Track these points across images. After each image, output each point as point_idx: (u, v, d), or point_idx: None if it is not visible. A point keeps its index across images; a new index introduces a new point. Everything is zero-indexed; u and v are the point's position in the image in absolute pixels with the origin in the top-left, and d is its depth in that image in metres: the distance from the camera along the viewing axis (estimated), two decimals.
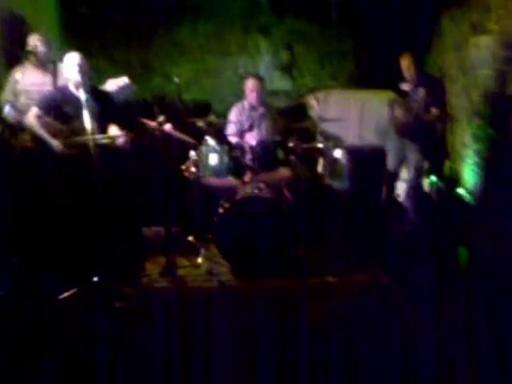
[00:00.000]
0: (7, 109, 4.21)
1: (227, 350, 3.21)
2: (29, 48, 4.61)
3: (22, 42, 5.14)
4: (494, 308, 3.66)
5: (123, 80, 4.73)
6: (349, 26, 7.37)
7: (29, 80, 4.52)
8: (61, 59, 4.48)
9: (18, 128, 4.45)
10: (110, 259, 3.98)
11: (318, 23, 7.40)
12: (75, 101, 4.02)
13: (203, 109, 6.26)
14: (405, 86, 5.16)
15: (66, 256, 4.18)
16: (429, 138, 5.25)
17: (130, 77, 6.78)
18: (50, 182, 4.29)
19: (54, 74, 4.64)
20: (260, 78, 5.00)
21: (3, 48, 5.37)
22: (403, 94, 5.16)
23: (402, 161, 5.33)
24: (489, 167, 5.61)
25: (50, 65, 4.67)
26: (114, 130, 4.21)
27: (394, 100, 5.21)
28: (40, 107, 4.17)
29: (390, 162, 5.40)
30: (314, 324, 3.60)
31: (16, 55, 5.41)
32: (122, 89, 4.79)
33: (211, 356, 3.11)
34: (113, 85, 4.70)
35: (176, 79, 4.48)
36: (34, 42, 4.64)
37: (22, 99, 4.52)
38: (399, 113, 5.09)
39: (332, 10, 7.30)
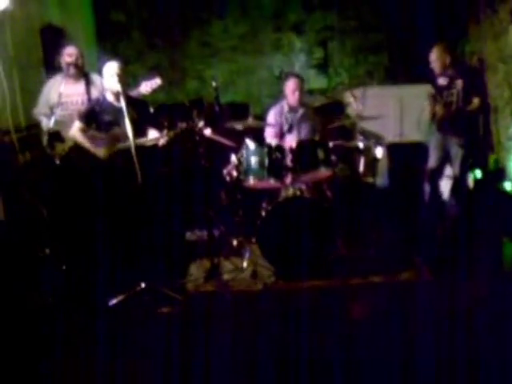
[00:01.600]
0: (45, 121, 4.29)
1: (275, 352, 3.21)
2: (66, 59, 4.67)
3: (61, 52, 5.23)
4: None
5: (156, 82, 4.76)
6: (382, 19, 7.29)
7: (65, 91, 4.59)
8: (98, 68, 4.54)
9: (56, 139, 4.53)
10: (156, 264, 4.04)
11: (350, 18, 7.34)
12: (114, 109, 4.17)
13: (240, 110, 6.25)
14: (442, 81, 5.04)
15: (112, 262, 4.25)
16: (472, 132, 5.13)
17: (165, 80, 6.90)
18: (94, 189, 4.35)
19: (88, 83, 4.72)
20: (300, 79, 4.92)
21: (43, 60, 5.49)
22: (442, 87, 5.03)
23: (445, 157, 5.21)
24: None
25: (83, 74, 4.75)
26: (153, 134, 4.27)
27: (433, 94, 5.08)
28: (81, 120, 4.29)
29: (433, 158, 5.29)
30: (358, 324, 3.59)
31: (56, 66, 5.53)
32: (155, 90, 4.83)
33: (258, 358, 3.14)
34: (146, 87, 4.74)
35: (214, 83, 4.48)
36: (70, 53, 4.70)
37: (58, 111, 4.60)
38: (439, 107, 4.98)
39: (363, 3, 7.26)
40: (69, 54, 4.70)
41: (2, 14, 4.36)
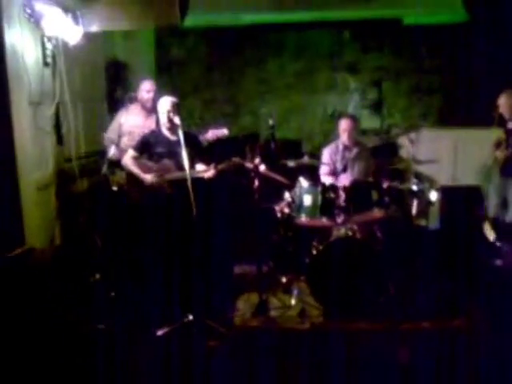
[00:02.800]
0: (113, 150, 4.44)
1: None
2: (143, 94, 4.86)
3: (123, 85, 5.45)
4: None
5: (223, 132, 4.90)
6: (438, 61, 7.29)
7: (133, 122, 4.76)
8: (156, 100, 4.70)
9: (117, 166, 4.69)
10: (204, 297, 4.07)
11: (406, 59, 7.36)
12: (168, 142, 4.37)
13: (292, 148, 6.32)
14: (510, 125, 4.98)
15: (161, 292, 4.31)
16: None
17: (219, 114, 7.07)
18: (148, 219, 4.45)
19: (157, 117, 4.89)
20: (354, 118, 4.98)
21: (107, 92, 5.72)
22: (507, 132, 4.97)
23: (504, 202, 5.11)
24: None
25: (154, 109, 4.92)
26: (200, 167, 4.37)
27: (500, 142, 5.02)
28: (135, 149, 4.45)
29: (492, 204, 5.19)
30: (404, 368, 3.51)
31: (117, 97, 5.76)
32: (220, 139, 4.96)
33: None
34: (213, 135, 4.87)
35: (271, 121, 4.56)
36: (148, 87, 4.89)
37: (125, 140, 4.76)
38: (503, 152, 4.91)
39: (419, 44, 7.28)
40: (147, 89, 4.90)
41: (71, 49, 4.57)
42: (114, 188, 4.66)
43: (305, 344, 3.83)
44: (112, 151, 4.72)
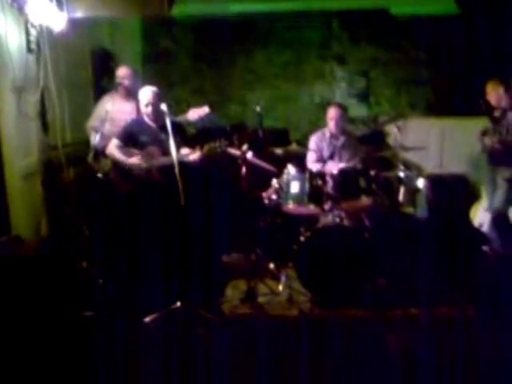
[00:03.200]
0: (98, 138, 4.41)
1: (304, 379, 3.20)
2: (118, 79, 4.83)
3: (110, 74, 5.41)
4: None
5: (204, 110, 4.87)
6: (425, 52, 7.31)
7: (116, 108, 4.73)
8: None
9: (101, 154, 4.66)
10: (192, 284, 4.07)
11: (394, 49, 7.37)
12: (151, 131, 4.40)
13: (280, 136, 6.32)
14: (496, 113, 5.00)
15: (148, 280, 4.30)
16: None
17: (208, 104, 7.02)
18: (130, 208, 4.44)
19: (138, 103, 4.86)
20: (342, 107, 4.97)
21: (93, 80, 5.68)
22: (495, 120, 4.99)
23: (493, 190, 5.14)
24: None
25: (135, 95, 4.89)
26: (184, 151, 4.38)
27: (486, 128, 5.05)
28: (119, 138, 4.46)
29: (488, 193, 5.20)
30: (392, 356, 3.53)
31: (104, 86, 5.72)
32: (202, 118, 4.93)
33: None
34: (194, 114, 4.84)
35: (258, 108, 4.55)
36: (123, 73, 4.86)
37: (108, 126, 4.73)
38: (491, 141, 4.93)
39: (407, 35, 7.29)
40: (121, 75, 4.86)
41: (56, 36, 4.53)
42: (99, 175, 4.61)
43: (293, 330, 3.84)
44: (97, 139, 4.69)
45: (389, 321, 3.94)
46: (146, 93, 4.39)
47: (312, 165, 4.86)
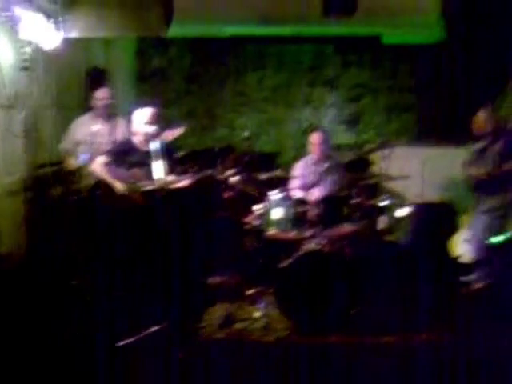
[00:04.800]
0: (84, 158, 4.44)
1: None
2: (97, 102, 4.86)
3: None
4: None
5: (178, 130, 4.91)
6: (414, 80, 7.41)
7: (88, 130, 4.75)
8: (132, 110, 4.71)
9: (80, 175, 4.68)
10: (172, 308, 4.07)
11: (384, 76, 7.47)
12: (139, 153, 4.33)
13: (268, 161, 6.36)
14: (481, 143, 5.06)
15: (127, 303, 4.30)
16: (503, 195, 5.10)
17: (197, 126, 7.09)
18: (111, 229, 4.44)
19: (115, 125, 4.89)
20: (325, 132, 5.03)
21: (86, 99, 5.72)
22: (480, 150, 5.06)
23: (478, 219, 5.18)
24: None
25: (112, 116, 4.93)
26: (172, 177, 4.37)
27: (470, 157, 5.11)
28: (106, 157, 4.43)
29: (472, 222, 5.26)
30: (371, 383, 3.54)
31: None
32: (177, 138, 4.96)
33: None
34: (168, 135, 4.87)
35: (246, 133, 4.59)
36: (102, 95, 4.89)
37: (82, 148, 4.75)
38: (475, 169, 4.99)
39: (397, 63, 7.40)
40: (100, 97, 4.89)
41: (51, 54, 4.57)
42: (83, 194, 4.64)
43: (269, 357, 3.85)
44: (74, 160, 4.71)
45: (367, 347, 3.95)
46: (145, 112, 4.37)
47: (295, 192, 4.89)
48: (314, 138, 4.93)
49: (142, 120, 4.32)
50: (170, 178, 4.36)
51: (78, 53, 5.47)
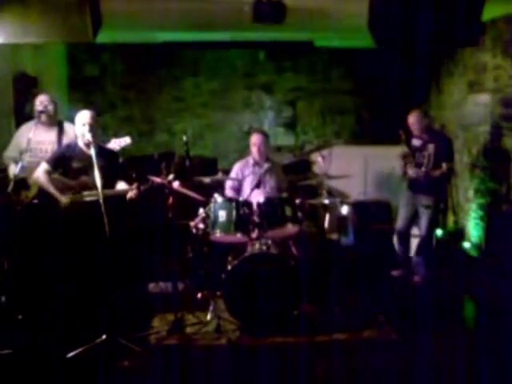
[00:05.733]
0: (18, 168, 4.28)
1: None
2: (38, 107, 4.71)
3: (33, 100, 5.27)
4: (498, 362, 3.68)
5: (125, 140, 4.85)
6: (349, 83, 7.61)
7: (34, 138, 4.59)
8: (68, 117, 4.58)
9: (21, 185, 4.50)
10: (117, 316, 3.98)
11: (319, 79, 7.63)
12: (85, 157, 4.18)
13: (209, 165, 6.35)
14: (416, 142, 5.23)
15: (71, 313, 4.17)
16: (438, 193, 5.30)
17: (136, 132, 6.99)
18: (53, 239, 4.30)
19: (61, 131, 4.75)
20: (264, 134, 5.04)
21: (14, 107, 5.52)
22: (415, 149, 5.23)
23: (413, 216, 5.35)
24: (492, 220, 5.67)
25: (56, 123, 4.78)
26: (122, 185, 4.30)
27: (405, 154, 5.27)
28: (49, 163, 4.28)
29: (401, 217, 5.43)
30: (322, 381, 3.58)
31: (27, 112, 5.56)
32: (123, 148, 4.90)
33: None
34: (115, 144, 4.80)
35: (185, 138, 4.55)
36: (43, 101, 4.74)
37: (27, 157, 4.58)
38: (411, 167, 5.15)
39: (333, 67, 7.58)
40: (40, 101, 4.74)
41: None
42: (18, 208, 4.46)
43: (221, 360, 3.83)
44: (12, 168, 4.54)
45: (316, 346, 3.99)
46: (84, 114, 4.23)
47: (229, 192, 4.89)
48: (254, 138, 4.94)
49: (82, 121, 4.20)
50: (121, 185, 4.27)
51: (5, 59, 5.28)
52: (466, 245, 6.09)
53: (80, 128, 4.21)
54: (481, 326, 4.50)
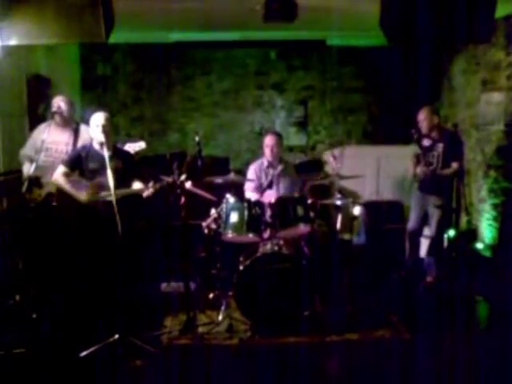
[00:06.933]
0: (33, 168, 4.31)
1: None
2: (53, 109, 4.75)
3: (47, 102, 5.32)
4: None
5: (140, 145, 4.87)
6: (361, 81, 7.58)
7: (50, 138, 4.63)
8: (81, 117, 4.60)
9: (35, 183, 4.54)
10: (130, 316, 4.00)
11: (331, 78, 7.61)
12: (100, 158, 4.18)
13: (221, 165, 6.36)
14: (426, 142, 5.20)
15: (84, 313, 4.20)
16: (448, 193, 5.26)
17: (147, 132, 7.01)
18: (67, 238, 4.33)
19: (76, 133, 4.78)
20: (278, 135, 5.04)
21: (28, 108, 5.56)
22: (425, 148, 5.19)
23: (424, 216, 5.31)
24: (505, 221, 5.63)
25: (72, 124, 4.82)
26: (137, 185, 4.31)
27: (417, 155, 5.23)
28: (66, 165, 4.31)
29: (413, 217, 5.40)
30: (333, 381, 3.58)
31: (40, 114, 5.61)
32: (137, 153, 4.93)
33: None
34: (129, 149, 4.83)
35: (197, 137, 4.56)
36: (58, 102, 4.78)
37: (42, 156, 4.62)
38: (421, 167, 5.12)
39: (345, 66, 7.56)
40: (55, 102, 4.78)
41: None
42: (32, 205, 4.49)
43: (233, 359, 3.84)
44: (26, 167, 4.56)
45: (328, 346, 3.98)
46: (99, 115, 4.25)
47: (250, 194, 4.89)
48: (267, 140, 4.94)
49: (96, 123, 4.23)
50: (137, 184, 4.29)
51: (18, 61, 5.32)
52: (479, 245, 6.04)
53: (94, 129, 4.24)
54: (493, 327, 4.46)
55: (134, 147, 4.81)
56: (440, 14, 4.12)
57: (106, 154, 3.92)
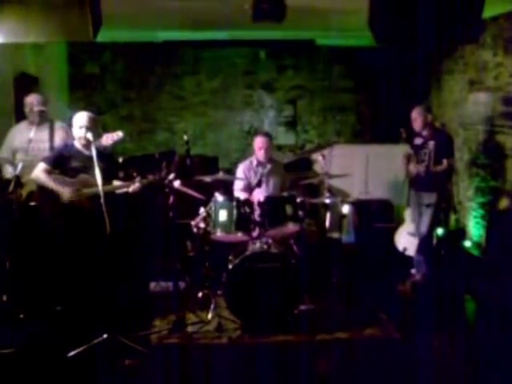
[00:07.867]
0: (8, 167, 4.28)
1: None
2: (28, 107, 4.71)
3: None
4: (500, 358, 3.69)
5: (117, 134, 4.81)
6: (350, 81, 7.61)
7: (25, 137, 4.59)
8: (70, 116, 4.57)
9: (17, 184, 4.50)
10: (118, 315, 3.99)
11: (320, 78, 7.63)
12: (83, 157, 4.18)
13: (209, 164, 6.35)
14: (418, 140, 5.22)
15: (72, 312, 4.17)
16: (442, 190, 5.28)
17: (136, 131, 6.98)
18: (54, 237, 4.29)
19: (51, 130, 4.74)
20: (269, 136, 5.04)
21: (15, 107, 5.52)
22: (417, 147, 5.22)
23: (419, 214, 5.33)
24: (493, 219, 5.67)
25: (47, 122, 4.77)
26: (117, 183, 4.29)
27: (408, 153, 5.25)
28: (48, 162, 4.25)
29: (415, 219, 5.40)
30: (323, 379, 3.59)
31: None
32: (116, 142, 4.87)
33: None
34: (107, 139, 4.77)
35: (185, 137, 4.56)
36: (31, 100, 4.74)
37: (19, 156, 4.59)
38: (414, 166, 5.14)
39: (333, 65, 7.58)
40: (29, 101, 4.74)
41: None
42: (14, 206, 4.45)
43: (223, 358, 3.83)
44: (8, 169, 4.53)
45: (317, 345, 3.99)
46: (82, 116, 4.22)
47: (239, 193, 4.89)
48: (259, 142, 4.94)
49: (79, 124, 4.20)
50: (117, 182, 4.27)
51: (5, 59, 5.27)
52: (467, 244, 6.09)
53: (77, 131, 4.20)
54: (481, 325, 4.49)
55: (111, 137, 4.73)
56: (428, 15, 4.14)
57: (93, 151, 3.89)
